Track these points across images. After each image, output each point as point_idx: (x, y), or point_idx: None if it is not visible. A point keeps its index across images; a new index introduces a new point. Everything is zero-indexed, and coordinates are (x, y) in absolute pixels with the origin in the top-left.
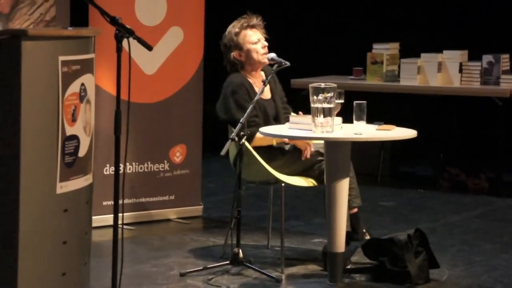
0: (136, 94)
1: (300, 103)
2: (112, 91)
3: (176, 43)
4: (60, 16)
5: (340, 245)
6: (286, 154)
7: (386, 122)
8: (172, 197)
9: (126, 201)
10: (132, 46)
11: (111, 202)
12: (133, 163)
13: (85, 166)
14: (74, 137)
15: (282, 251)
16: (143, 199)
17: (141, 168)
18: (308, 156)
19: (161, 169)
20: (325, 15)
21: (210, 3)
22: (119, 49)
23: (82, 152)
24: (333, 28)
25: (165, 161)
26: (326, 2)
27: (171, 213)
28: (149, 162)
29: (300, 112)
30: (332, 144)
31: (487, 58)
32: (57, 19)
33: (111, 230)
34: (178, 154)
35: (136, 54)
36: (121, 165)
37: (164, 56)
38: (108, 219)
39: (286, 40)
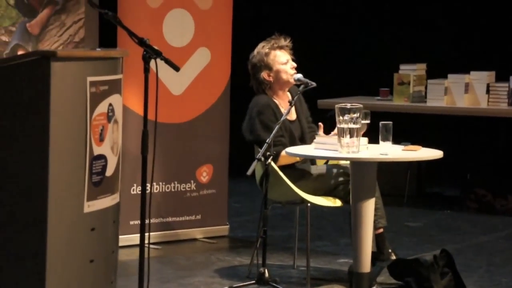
0: (163, 114)
1: (326, 123)
2: (139, 111)
3: (203, 64)
4: (89, 37)
5: (366, 265)
6: (313, 174)
7: (413, 143)
8: (198, 217)
9: (153, 220)
10: (160, 67)
11: (138, 222)
12: (160, 183)
13: (112, 186)
14: (102, 157)
15: (308, 271)
16: (169, 219)
17: (168, 188)
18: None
19: (187, 189)
20: (352, 36)
21: (237, 24)
22: (146, 69)
23: (109, 172)
24: (360, 49)
25: (192, 181)
26: (353, 23)
27: (198, 233)
28: (176, 182)
29: (320, 124)
30: (358, 165)
31: None
32: (86, 40)
33: (138, 249)
34: (204, 174)
35: (163, 74)
36: (148, 185)
37: (192, 77)
38: (135, 238)
39: (313, 60)
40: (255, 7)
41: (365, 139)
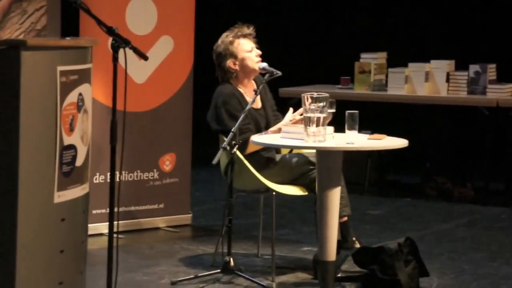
0: (127, 103)
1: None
2: (103, 100)
3: (166, 52)
4: (51, 25)
5: (332, 253)
6: (277, 163)
7: (373, 132)
8: (161, 206)
9: (117, 209)
10: (122, 55)
11: (101, 211)
12: (123, 172)
13: (82, 176)
14: (72, 147)
15: (273, 260)
16: (132, 208)
17: (130, 176)
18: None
19: (150, 178)
20: (313, 24)
21: (200, 13)
22: (115, 58)
23: (79, 162)
24: (321, 37)
25: (155, 170)
26: (313, 11)
27: (160, 222)
28: (138, 171)
29: (291, 108)
30: (324, 154)
31: (474, 68)
32: (48, 28)
33: (101, 239)
34: (167, 162)
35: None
36: (109, 174)
37: (154, 65)
38: (98, 227)
39: (274, 49)
40: None
41: (331, 128)
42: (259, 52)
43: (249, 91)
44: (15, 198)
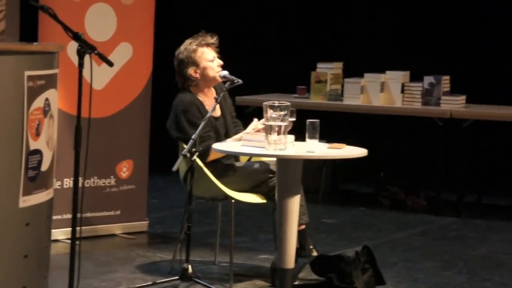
0: (84, 109)
1: (246, 120)
2: (61, 105)
3: (125, 59)
4: (10, 29)
5: (290, 261)
6: (237, 171)
7: (329, 141)
8: (118, 212)
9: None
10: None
11: (56, 217)
12: (80, 178)
13: (47, 181)
14: (38, 152)
15: (231, 267)
16: (88, 214)
17: (87, 183)
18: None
19: (107, 184)
20: (270, 33)
21: (160, 20)
22: (80, 64)
23: (44, 167)
24: (278, 47)
25: (112, 176)
26: (271, 20)
27: (117, 228)
28: (95, 177)
29: (255, 119)
30: (285, 162)
31: (428, 79)
32: (7, 33)
33: (56, 245)
34: (125, 169)
35: (85, 68)
36: (66, 180)
37: (113, 72)
38: (56, 233)
39: (231, 57)
40: (178, 3)
41: (292, 137)
42: (221, 62)
43: (208, 99)
44: None
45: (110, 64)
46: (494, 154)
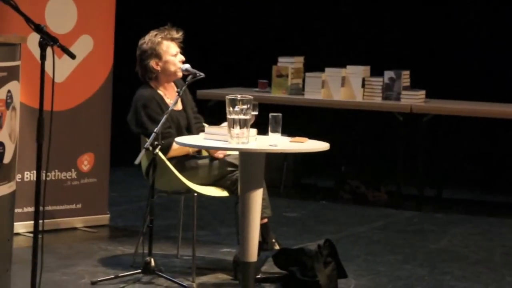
0: (45, 102)
1: (207, 114)
2: (21, 98)
3: (86, 52)
4: None
5: (253, 254)
6: (199, 165)
7: (290, 135)
8: (79, 206)
9: (32, 209)
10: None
11: (16, 210)
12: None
13: (9, 173)
14: (0, 144)
15: (194, 260)
16: (49, 207)
17: (48, 176)
18: (221, 155)
19: (68, 177)
20: (231, 27)
21: (120, 13)
22: (43, 56)
23: (7, 159)
24: (239, 40)
25: (73, 169)
26: (231, 13)
27: (78, 222)
28: (56, 170)
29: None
30: (247, 155)
31: (388, 74)
32: None
33: (17, 238)
34: (86, 162)
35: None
36: (27, 173)
37: (74, 65)
38: (16, 226)
39: (192, 50)
40: None
41: (254, 130)
42: (183, 58)
43: (169, 93)
44: None
45: (73, 56)
46: (454, 148)
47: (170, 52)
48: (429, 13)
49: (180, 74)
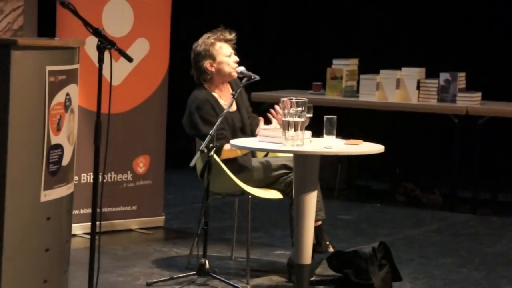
0: (102, 105)
1: (262, 116)
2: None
3: (142, 55)
4: (28, 25)
5: (307, 257)
6: (253, 167)
7: (344, 137)
8: (134, 208)
9: (89, 210)
10: (96, 56)
11: (74, 211)
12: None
13: (67, 175)
14: (59, 146)
15: (248, 262)
16: (105, 209)
17: (104, 178)
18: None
19: (124, 180)
20: (286, 30)
21: (177, 16)
22: (100, 59)
23: (65, 161)
24: (294, 43)
25: (129, 172)
26: (286, 16)
27: (133, 223)
28: (112, 172)
29: (260, 118)
30: (302, 158)
31: (444, 76)
32: (25, 28)
33: (74, 239)
34: (141, 164)
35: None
36: (84, 175)
37: (130, 68)
38: (74, 228)
39: (247, 53)
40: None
41: (309, 133)
42: (237, 58)
43: (224, 95)
44: (2, 196)
45: (130, 59)
46: (510, 151)
47: (224, 53)
48: (485, 14)
49: (235, 75)
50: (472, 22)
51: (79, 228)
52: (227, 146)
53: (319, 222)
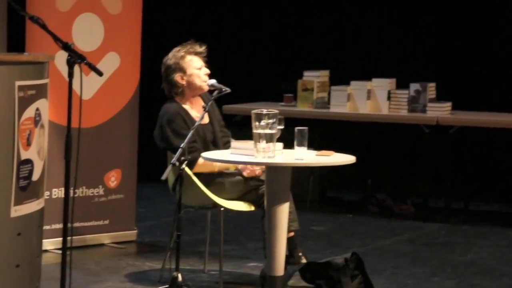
0: (73, 119)
1: (233, 129)
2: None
3: (112, 69)
4: None
5: (280, 268)
6: (225, 179)
7: (316, 149)
8: (106, 222)
9: (60, 225)
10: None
11: (45, 227)
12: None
13: (38, 190)
14: (29, 161)
15: (221, 275)
16: (77, 224)
17: (75, 192)
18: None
19: (96, 194)
20: (257, 42)
21: (147, 30)
22: (70, 74)
23: (35, 176)
24: (265, 55)
25: (100, 186)
26: (257, 29)
27: (105, 238)
28: (84, 187)
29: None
30: (273, 169)
31: (414, 86)
32: None
33: (45, 255)
34: (113, 179)
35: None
36: (55, 190)
37: (101, 82)
38: (44, 243)
39: (217, 66)
40: (165, 13)
41: (280, 144)
42: (208, 71)
43: (195, 107)
44: None
45: (100, 73)
46: (480, 160)
47: (194, 66)
48: (455, 26)
49: (206, 88)
50: (442, 33)
51: (51, 244)
52: (201, 161)
53: (292, 233)
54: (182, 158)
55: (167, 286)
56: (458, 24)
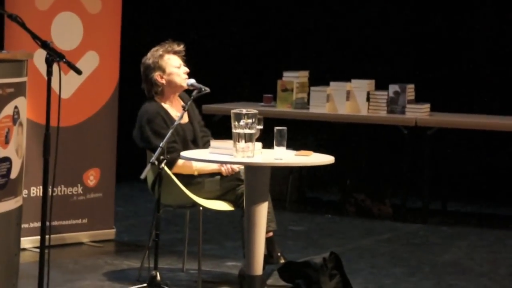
0: (51, 118)
1: (213, 128)
2: (29, 115)
3: (92, 68)
4: None
5: (258, 268)
6: (204, 179)
7: (295, 149)
8: (85, 221)
9: (38, 224)
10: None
11: (23, 225)
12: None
13: (16, 188)
14: (7, 159)
15: (200, 274)
16: (55, 222)
17: (54, 191)
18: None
19: (74, 193)
20: (236, 42)
21: (126, 29)
22: (49, 72)
23: (13, 174)
24: (244, 55)
25: (79, 185)
26: (237, 28)
27: (84, 237)
28: (62, 186)
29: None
30: (252, 169)
31: (393, 87)
32: None
33: (25, 253)
34: (92, 177)
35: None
36: (33, 188)
37: (80, 80)
38: (22, 242)
39: (197, 66)
40: (144, 12)
41: (259, 144)
42: (187, 69)
43: (175, 107)
44: None
45: (79, 72)
46: (458, 161)
47: (173, 64)
48: (433, 27)
49: (185, 85)
50: (421, 35)
51: (29, 242)
52: (180, 162)
53: (270, 233)
54: (161, 157)
55: (145, 285)
56: (437, 26)
